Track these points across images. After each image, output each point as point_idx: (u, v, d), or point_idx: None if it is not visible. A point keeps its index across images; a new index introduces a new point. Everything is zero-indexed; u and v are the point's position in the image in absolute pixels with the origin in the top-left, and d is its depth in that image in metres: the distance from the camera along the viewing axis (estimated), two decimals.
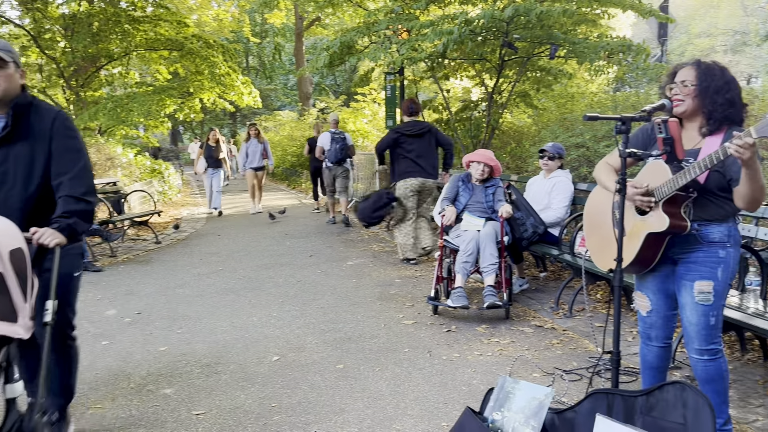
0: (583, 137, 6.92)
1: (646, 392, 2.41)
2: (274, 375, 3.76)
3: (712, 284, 2.55)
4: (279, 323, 4.81)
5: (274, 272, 6.66)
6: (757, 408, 3.19)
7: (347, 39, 8.68)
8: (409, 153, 6.85)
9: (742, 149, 2.16)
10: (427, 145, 6.88)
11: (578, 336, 4.39)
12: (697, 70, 2.56)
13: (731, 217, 2.57)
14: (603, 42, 7.82)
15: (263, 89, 31.55)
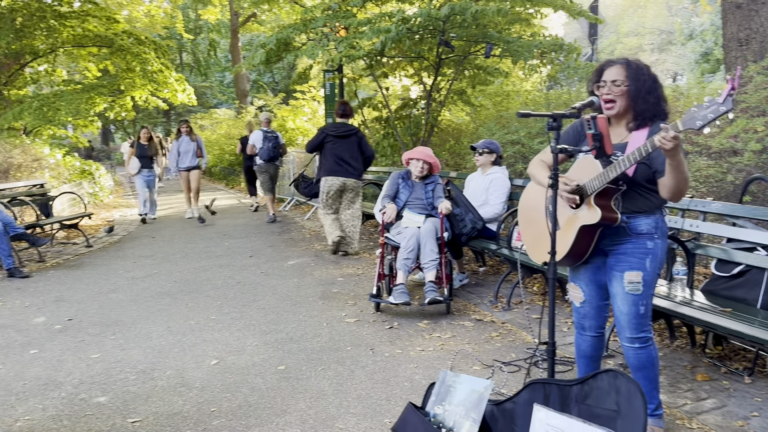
0: (518, 134, 7.08)
1: (581, 381, 2.49)
2: (212, 379, 3.69)
3: (641, 274, 2.65)
4: (218, 326, 4.71)
5: (213, 274, 6.53)
6: (686, 392, 3.34)
7: (284, 36, 8.58)
8: (333, 153, 7.14)
9: (667, 141, 2.25)
10: (351, 147, 7.16)
11: (516, 328, 4.49)
12: (628, 70, 2.64)
13: (658, 209, 2.68)
14: (536, 41, 8.02)
15: (198, 87, 30.84)
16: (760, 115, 4.68)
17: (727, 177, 4.72)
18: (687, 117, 2.27)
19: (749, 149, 4.37)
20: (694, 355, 3.87)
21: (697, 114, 2.24)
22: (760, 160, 4.46)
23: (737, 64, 6.33)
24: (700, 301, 3.60)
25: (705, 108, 2.22)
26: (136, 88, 14.88)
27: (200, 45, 34.84)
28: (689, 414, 3.09)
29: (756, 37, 6.33)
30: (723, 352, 3.84)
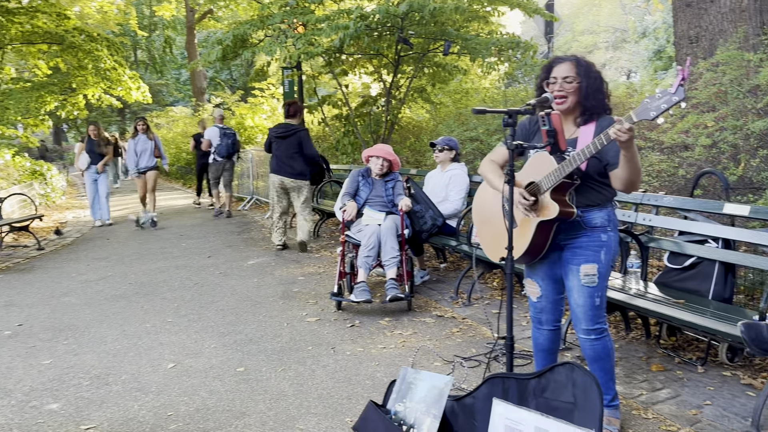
0: (476, 131, 7.14)
1: (539, 374, 2.52)
2: (169, 383, 3.61)
3: (596, 267, 2.69)
4: (175, 329, 4.62)
5: (169, 275, 6.40)
6: (641, 383, 3.41)
7: (240, 32, 8.46)
8: (276, 153, 7.31)
9: (621, 132, 2.30)
10: (290, 147, 7.24)
11: (476, 323, 4.53)
12: (578, 67, 2.69)
13: (609, 202, 2.74)
14: (493, 39, 8.09)
15: (154, 84, 30.21)
16: (710, 111, 4.82)
17: (678, 171, 4.84)
18: (641, 108, 2.31)
19: (699, 144, 4.49)
20: (649, 346, 3.96)
21: (650, 105, 2.29)
22: (710, 154, 4.59)
23: (690, 61, 6.51)
24: (654, 293, 3.68)
25: (658, 99, 2.27)
26: (88, 86, 14.49)
27: (155, 42, 34.12)
28: (645, 404, 3.15)
29: (705, 34, 6.51)
30: (677, 343, 3.94)
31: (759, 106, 4.35)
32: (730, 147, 4.42)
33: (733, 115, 4.48)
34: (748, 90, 4.61)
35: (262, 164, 11.74)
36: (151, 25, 32.16)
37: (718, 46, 5.99)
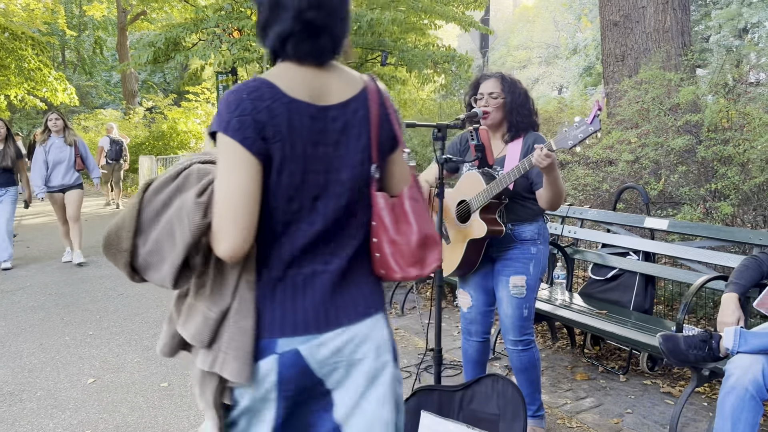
0: (412, 142, 7.19)
1: (465, 386, 2.53)
2: (88, 399, 3.44)
3: (525, 278, 2.75)
4: (96, 342, 4.41)
5: (92, 285, 6.12)
6: (566, 392, 3.49)
7: (173, 35, 8.26)
8: None
9: (542, 159, 2.36)
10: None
11: (409, 334, 4.53)
12: (503, 83, 2.76)
13: (539, 216, 2.80)
14: (429, 51, 8.19)
15: (83, 86, 29.09)
16: (633, 128, 5.01)
17: (602, 185, 5.00)
18: (559, 137, 2.40)
19: (623, 159, 4.66)
20: (574, 355, 4.06)
21: (568, 134, 2.38)
22: (632, 169, 4.77)
23: (615, 78, 6.76)
24: (579, 304, 3.79)
25: (575, 128, 2.36)
26: (10, 86, 13.83)
27: (85, 42, 32.88)
28: (569, 413, 3.22)
29: (631, 53, 6.79)
30: (600, 352, 4.06)
31: (679, 124, 4.55)
32: (651, 163, 4.61)
33: (654, 132, 4.68)
34: (669, 108, 4.83)
35: None
36: (81, 25, 30.96)
37: (642, 64, 6.26)
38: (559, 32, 32.68)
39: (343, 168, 1.38)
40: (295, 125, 1.31)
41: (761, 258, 2.74)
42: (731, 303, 2.57)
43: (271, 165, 1.29)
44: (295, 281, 1.36)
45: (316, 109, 1.34)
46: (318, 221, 1.36)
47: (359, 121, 1.40)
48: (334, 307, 1.38)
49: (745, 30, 15.16)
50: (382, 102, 1.46)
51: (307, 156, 1.33)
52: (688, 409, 3.21)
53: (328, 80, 1.39)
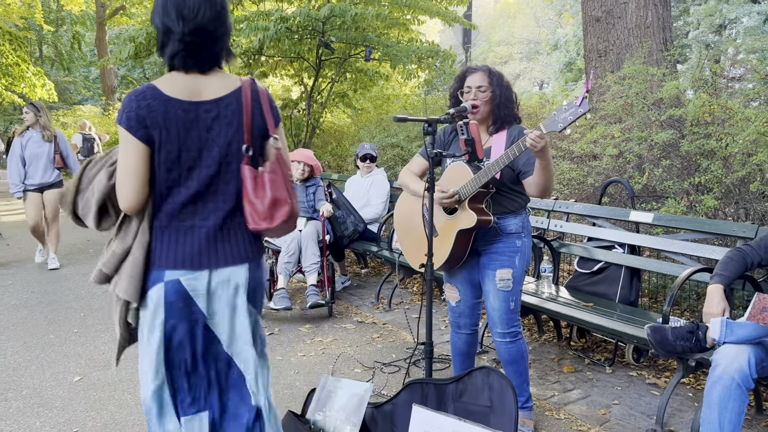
0: (397, 137, 7.20)
1: (456, 379, 2.55)
2: (75, 397, 3.41)
3: (511, 272, 2.77)
4: (81, 339, 4.37)
5: (75, 283, 6.06)
6: (554, 384, 3.53)
7: None
8: None
9: (537, 141, 2.38)
10: None
11: (397, 328, 4.55)
12: (491, 77, 2.78)
13: (523, 209, 2.83)
14: (413, 47, 8.19)
15: (61, 81, 28.67)
16: (616, 122, 5.06)
17: (587, 180, 5.05)
18: (549, 121, 2.41)
19: (607, 154, 4.71)
20: (560, 348, 4.10)
21: (557, 117, 2.39)
22: (616, 164, 4.82)
23: (597, 74, 6.82)
24: (565, 297, 3.82)
25: (564, 111, 2.37)
26: None
27: (62, 37, 32.38)
28: (557, 405, 3.26)
29: (613, 48, 6.85)
30: (586, 345, 4.10)
31: (662, 119, 4.61)
32: (635, 157, 4.66)
33: (638, 127, 4.73)
34: (652, 103, 4.89)
35: None
36: (58, 20, 30.48)
37: (624, 60, 6.32)
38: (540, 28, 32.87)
39: (214, 146, 1.90)
40: (170, 116, 1.84)
41: (745, 250, 2.79)
42: (717, 294, 2.61)
43: (154, 146, 1.84)
44: (178, 230, 1.91)
45: (189, 104, 1.86)
46: (193, 186, 1.89)
47: (231, 113, 1.91)
48: (207, 254, 1.92)
49: (722, 26, 15.37)
50: (255, 98, 1.96)
51: (181, 138, 1.86)
52: (674, 399, 3.26)
53: (207, 83, 1.91)
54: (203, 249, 1.92)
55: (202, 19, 1.86)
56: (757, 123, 3.79)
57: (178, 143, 1.86)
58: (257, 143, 1.98)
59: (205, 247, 1.92)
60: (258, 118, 1.96)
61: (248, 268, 1.98)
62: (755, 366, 2.30)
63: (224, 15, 1.94)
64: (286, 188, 1.96)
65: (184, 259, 1.90)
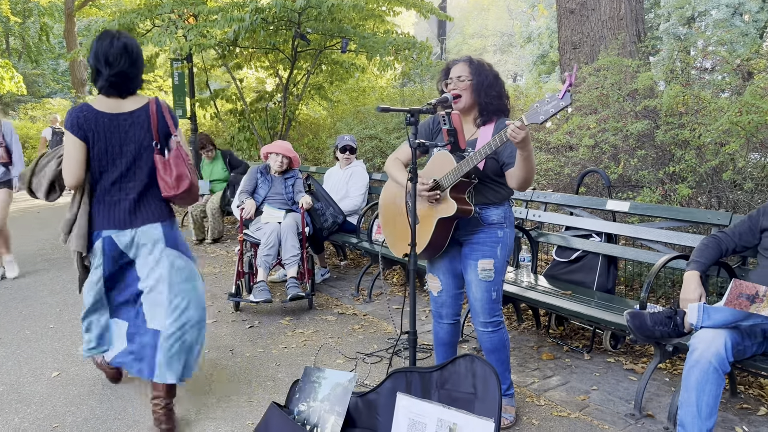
0: (375, 129, 7.19)
1: (440, 367, 2.57)
2: (54, 392, 3.36)
3: (493, 262, 2.80)
4: (58, 335, 4.30)
5: (50, 278, 5.95)
6: (533, 371, 3.58)
7: (126, 21, 8.03)
8: None
9: (516, 132, 2.39)
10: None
11: (378, 319, 4.56)
12: (471, 66, 2.79)
13: (506, 200, 2.85)
14: (390, 38, 8.17)
15: (29, 74, 28.04)
16: (592, 113, 5.13)
17: (564, 170, 5.11)
18: (530, 112, 2.42)
19: (583, 144, 4.77)
20: (539, 336, 4.16)
21: (539, 109, 2.40)
22: (592, 154, 4.88)
23: (571, 65, 6.89)
24: (544, 285, 3.88)
25: (546, 103, 2.39)
26: None
27: (30, 29, 31.60)
28: (537, 391, 3.31)
29: (587, 41, 6.93)
30: (565, 332, 4.17)
31: (637, 109, 4.68)
32: (610, 147, 4.73)
33: (613, 118, 4.80)
34: (627, 94, 4.96)
35: None
36: (26, 11, 29.74)
37: (598, 51, 6.40)
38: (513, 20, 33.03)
39: (131, 143, 2.81)
40: (99, 124, 2.75)
41: (720, 237, 2.86)
42: (693, 280, 2.67)
43: (89, 143, 2.75)
44: (109, 202, 2.83)
45: (111, 115, 2.78)
46: (117, 171, 2.81)
47: (142, 120, 2.82)
48: (130, 218, 2.83)
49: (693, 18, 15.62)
50: (159, 110, 2.86)
51: (107, 138, 2.77)
52: (651, 384, 3.33)
53: (124, 103, 2.82)
54: (127, 215, 2.84)
55: (121, 66, 2.76)
56: (729, 113, 3.87)
57: (105, 142, 2.78)
58: (163, 140, 2.89)
59: (128, 213, 2.84)
60: (162, 123, 2.87)
61: (162, 225, 2.89)
62: (731, 350, 2.37)
63: (138, 61, 2.84)
64: (186, 168, 2.87)
65: (114, 223, 2.83)
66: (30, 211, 10.92)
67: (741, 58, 4.68)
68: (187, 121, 10.46)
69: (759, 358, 2.57)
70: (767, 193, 4.00)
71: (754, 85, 4.05)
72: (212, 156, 7.73)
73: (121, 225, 2.81)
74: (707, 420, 2.36)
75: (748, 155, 4.19)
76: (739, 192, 4.10)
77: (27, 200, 11.52)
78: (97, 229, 2.82)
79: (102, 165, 2.78)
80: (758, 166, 4.20)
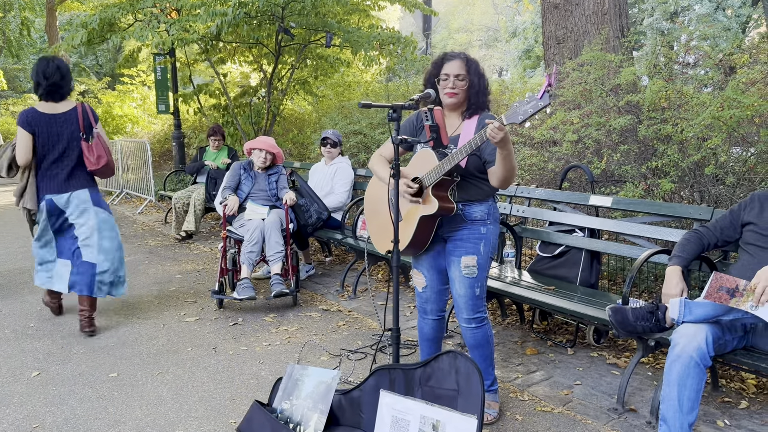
0: (360, 125, 7.16)
1: (424, 363, 2.56)
2: (34, 392, 3.31)
3: (476, 258, 2.79)
4: (38, 334, 4.25)
5: (30, 276, 5.87)
6: (517, 366, 3.58)
7: (108, 15, 7.91)
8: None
9: (495, 132, 2.38)
10: None
11: (362, 316, 4.55)
12: (469, 65, 2.77)
13: (490, 197, 2.84)
14: (374, 33, 8.14)
15: (10, 69, 27.67)
16: (576, 108, 5.13)
17: (548, 165, 5.12)
18: (510, 112, 2.42)
19: (567, 139, 4.77)
20: (523, 331, 4.17)
21: (518, 109, 2.40)
22: (576, 149, 4.89)
23: (555, 60, 6.90)
24: (527, 281, 3.88)
25: (525, 103, 2.38)
26: None
27: (11, 23, 31.10)
28: (521, 387, 3.31)
29: (571, 35, 6.93)
30: (548, 327, 4.18)
31: (620, 104, 4.69)
32: (594, 142, 4.74)
33: (597, 113, 4.81)
34: (610, 89, 4.97)
35: (133, 156, 11.09)
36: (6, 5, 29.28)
37: (582, 46, 6.40)
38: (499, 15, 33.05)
39: (64, 134, 4.01)
40: (41, 121, 3.95)
41: (702, 231, 2.87)
42: (675, 275, 2.68)
43: (35, 135, 3.95)
44: (50, 176, 4.04)
45: (50, 115, 3.99)
46: (55, 154, 4.01)
47: (72, 118, 4.03)
48: (66, 186, 4.06)
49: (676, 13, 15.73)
50: (84, 110, 4.09)
51: (48, 131, 3.98)
52: (634, 378, 3.35)
53: (58, 105, 4.03)
54: (63, 183, 4.08)
55: (55, 80, 4.00)
56: (711, 108, 3.89)
57: (46, 134, 3.99)
58: (87, 131, 4.10)
59: (64, 182, 4.08)
60: (86, 120, 4.10)
61: (89, 190, 4.17)
62: (712, 344, 2.38)
63: (67, 76, 4.06)
64: (104, 150, 4.13)
65: (54, 189, 4.06)
66: (14, 209, 10.78)
67: (723, 53, 4.71)
68: (170, 116, 10.36)
69: (740, 352, 2.59)
70: (749, 187, 4.03)
71: (735, 80, 4.07)
72: (218, 146, 7.67)
73: (59, 190, 4.08)
74: (689, 414, 2.37)
75: (730, 150, 4.22)
76: (721, 186, 4.12)
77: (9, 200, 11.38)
78: (42, 193, 4.07)
79: (44, 150, 4.03)
80: (740, 161, 4.23)
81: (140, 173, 10.73)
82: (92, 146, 4.07)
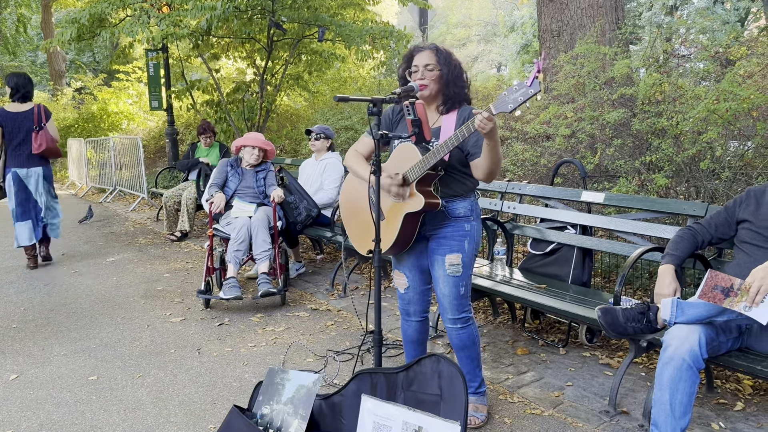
0: (351, 120, 7.07)
1: (406, 368, 2.47)
2: (10, 396, 3.22)
3: (461, 256, 2.69)
4: (19, 335, 4.15)
5: (16, 276, 5.79)
6: (508, 367, 3.49)
7: (98, 10, 7.79)
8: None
9: (485, 123, 2.28)
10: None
11: (352, 315, 4.46)
12: (438, 55, 2.67)
13: (472, 192, 2.75)
14: (367, 27, 8.02)
15: (6, 66, 27.56)
16: (569, 102, 5.03)
17: (540, 161, 5.02)
18: (499, 101, 2.32)
19: (560, 134, 4.68)
20: (514, 330, 4.07)
21: (508, 98, 2.29)
22: (569, 144, 4.79)
23: (551, 54, 6.79)
24: (519, 279, 3.78)
25: (515, 91, 2.28)
26: None
27: (7, 21, 30.97)
28: (511, 388, 3.22)
29: (566, 29, 6.83)
30: (540, 326, 4.08)
31: (614, 98, 4.59)
32: (587, 137, 4.64)
33: (590, 106, 4.71)
34: (604, 82, 4.86)
35: (126, 153, 10.98)
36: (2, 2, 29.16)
37: (578, 39, 6.30)
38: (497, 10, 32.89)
39: (26, 126, 5.79)
40: (8, 118, 5.73)
41: (695, 228, 2.77)
42: (668, 275, 2.59)
43: (4, 128, 5.73)
44: (15, 155, 5.81)
45: (15, 113, 5.76)
46: (18, 140, 5.77)
47: (31, 115, 5.81)
48: (26, 163, 5.84)
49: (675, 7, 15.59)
50: (39, 110, 5.84)
51: (13, 126, 5.75)
52: (627, 379, 3.25)
53: (22, 105, 5.81)
54: (24, 161, 5.77)
55: (25, 88, 5.80)
56: (706, 101, 3.79)
57: (12, 127, 5.69)
58: (40, 124, 5.73)
59: (24, 161, 5.77)
60: (41, 116, 5.77)
61: (42, 167, 5.89)
62: (706, 346, 2.28)
63: (29, 85, 5.84)
64: (46, 139, 5.74)
65: (18, 165, 5.76)
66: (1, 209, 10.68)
67: (720, 46, 4.60)
68: (163, 113, 10.25)
69: (735, 353, 2.49)
70: (746, 182, 3.93)
71: (733, 71, 3.97)
72: (209, 143, 7.56)
73: (21, 166, 5.77)
74: (681, 419, 2.27)
75: (727, 144, 4.12)
76: (717, 181, 4.02)
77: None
78: (8, 167, 5.76)
79: (11, 137, 5.67)
80: (736, 155, 4.13)
81: (133, 170, 10.62)
82: (38, 136, 5.70)
